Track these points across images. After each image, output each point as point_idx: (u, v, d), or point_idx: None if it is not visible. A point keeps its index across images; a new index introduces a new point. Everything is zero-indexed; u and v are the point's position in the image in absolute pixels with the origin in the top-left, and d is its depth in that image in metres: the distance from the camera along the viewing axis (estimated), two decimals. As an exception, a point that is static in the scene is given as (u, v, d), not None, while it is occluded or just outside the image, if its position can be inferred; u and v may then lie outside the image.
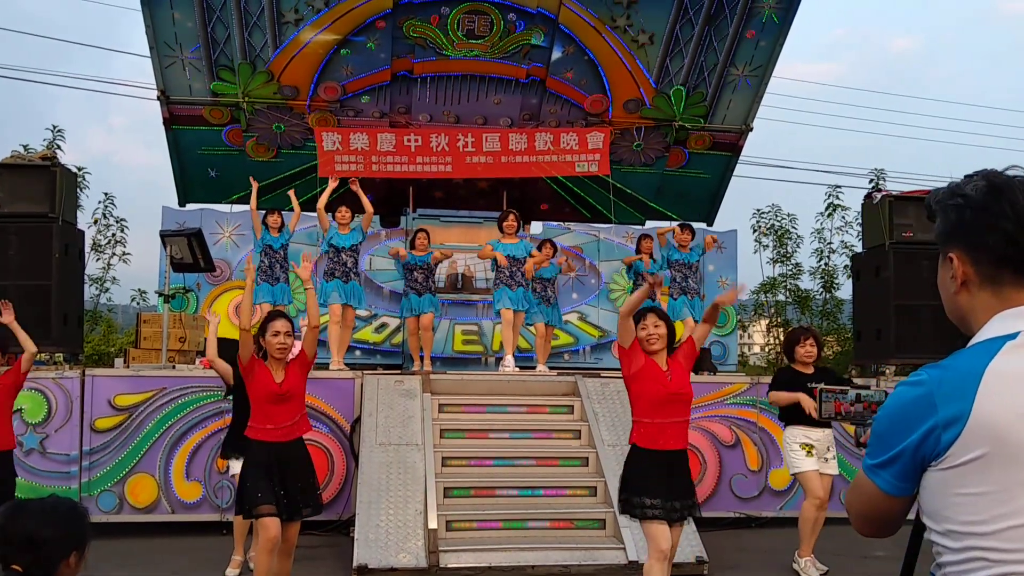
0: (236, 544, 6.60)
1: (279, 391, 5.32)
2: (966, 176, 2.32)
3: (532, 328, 10.50)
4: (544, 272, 10.18)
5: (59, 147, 14.66)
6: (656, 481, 5.04)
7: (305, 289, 5.72)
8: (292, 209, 10.03)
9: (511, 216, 9.76)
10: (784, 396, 6.55)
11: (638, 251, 10.88)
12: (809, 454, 6.59)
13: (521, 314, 9.73)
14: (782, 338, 17.89)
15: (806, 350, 6.63)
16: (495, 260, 9.58)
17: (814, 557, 6.70)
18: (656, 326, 5.16)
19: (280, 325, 5.37)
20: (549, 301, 10.23)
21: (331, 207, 10.28)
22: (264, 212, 10.10)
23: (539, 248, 10.32)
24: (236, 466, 6.62)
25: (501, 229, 9.73)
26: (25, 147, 12.97)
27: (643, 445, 5.12)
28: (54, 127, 15.16)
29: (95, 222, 15.46)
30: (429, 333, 10.05)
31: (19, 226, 8.57)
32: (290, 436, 5.36)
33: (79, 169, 11.27)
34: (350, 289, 9.59)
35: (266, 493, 5.19)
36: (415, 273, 9.93)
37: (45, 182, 8.71)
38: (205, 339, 10.71)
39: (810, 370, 6.65)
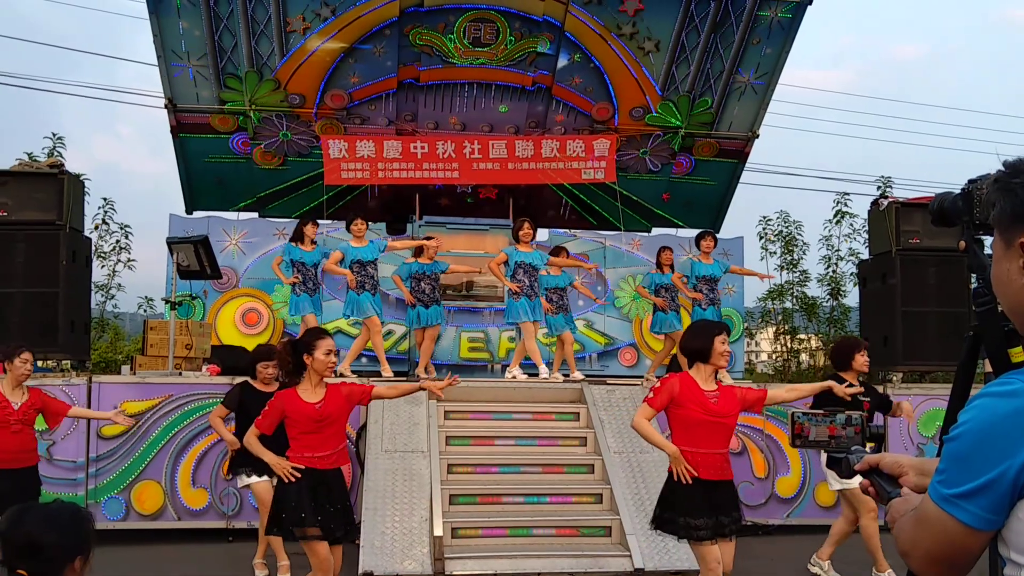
0: (277, 552, 6.60)
1: (317, 415, 5.16)
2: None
3: (545, 338, 10.46)
4: (559, 281, 10.14)
5: (60, 154, 14.68)
6: (701, 499, 4.94)
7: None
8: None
9: (526, 224, 9.67)
10: None
11: (658, 263, 10.75)
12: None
13: (537, 324, 9.69)
14: (789, 345, 17.89)
15: (865, 358, 6.51)
16: (513, 267, 9.55)
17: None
18: (725, 343, 5.08)
19: (332, 344, 5.29)
20: (567, 310, 10.19)
21: (336, 215, 10.33)
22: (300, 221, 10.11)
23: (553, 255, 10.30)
24: (246, 479, 6.63)
25: (516, 238, 9.67)
26: (30, 155, 13.02)
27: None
28: (54, 134, 15.12)
29: (95, 228, 15.46)
30: (432, 344, 10.02)
31: (27, 233, 8.62)
32: (332, 465, 5.26)
33: (80, 176, 11.27)
34: (376, 301, 9.65)
35: (310, 515, 5.10)
36: (422, 283, 9.82)
37: (53, 190, 8.76)
38: (213, 346, 10.77)
39: (859, 388, 6.42)
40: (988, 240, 2.36)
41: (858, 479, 5.94)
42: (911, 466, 1.80)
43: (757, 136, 12.91)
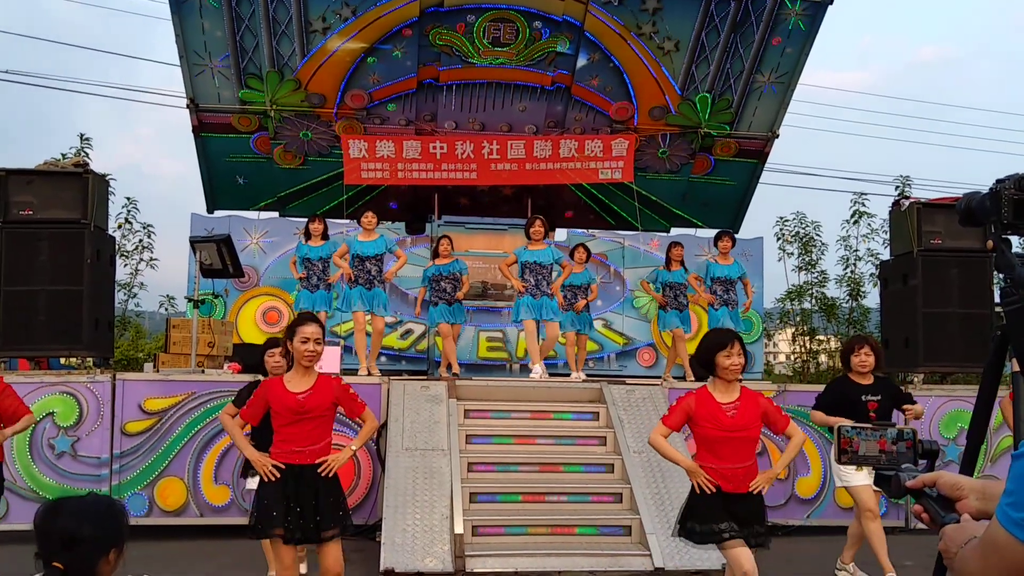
0: (270, 562, 6.55)
1: (298, 407, 4.82)
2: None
3: (562, 337, 10.41)
4: (574, 279, 10.08)
5: (87, 155, 14.83)
6: (721, 508, 4.86)
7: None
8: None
9: (537, 222, 9.65)
10: (821, 419, 6.43)
11: (668, 259, 10.60)
12: (859, 468, 6.47)
13: (552, 324, 9.65)
14: (808, 346, 17.82)
15: (860, 359, 6.36)
16: (521, 268, 9.57)
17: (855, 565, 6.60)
18: (739, 355, 4.88)
19: (310, 330, 4.86)
20: (578, 310, 10.14)
21: (356, 214, 10.36)
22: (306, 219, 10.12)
23: (571, 254, 10.25)
24: (251, 483, 6.61)
25: (528, 236, 9.68)
26: (64, 155, 13.16)
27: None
28: (82, 136, 15.28)
29: (119, 227, 15.62)
30: (453, 343, 9.94)
31: (51, 232, 8.69)
32: (314, 458, 4.88)
33: (105, 176, 11.39)
34: (373, 296, 9.49)
35: (280, 515, 4.78)
36: (442, 283, 9.77)
37: (77, 189, 8.83)
38: (235, 344, 10.86)
39: (868, 380, 6.39)
40: (1016, 240, 2.36)
41: (860, 479, 5.70)
42: (972, 489, 1.59)
43: (777, 136, 12.89)
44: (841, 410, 6.20)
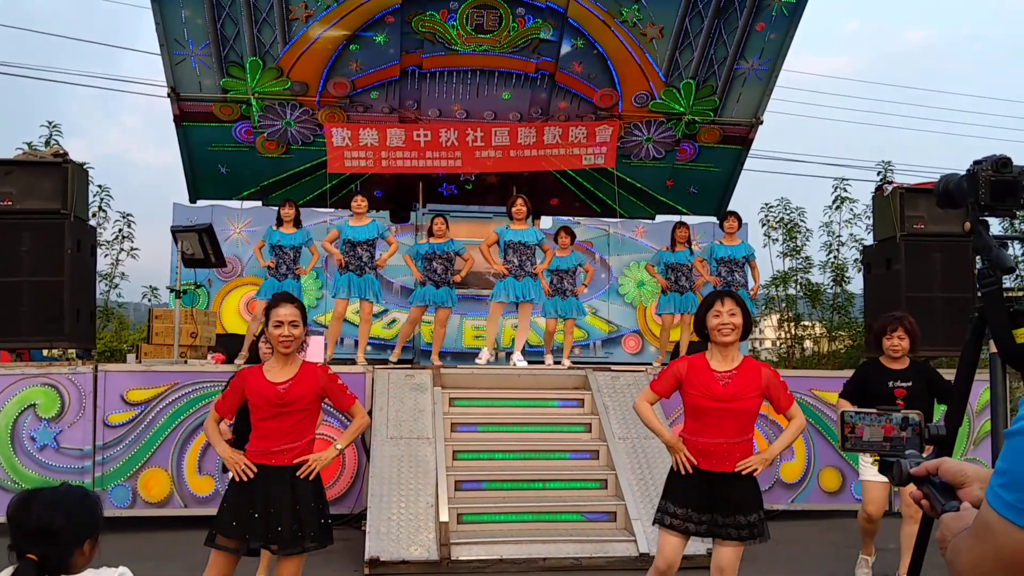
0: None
1: (277, 398, 4.34)
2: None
3: (543, 323, 10.37)
4: (560, 263, 10.00)
5: (57, 143, 14.61)
6: (695, 491, 4.42)
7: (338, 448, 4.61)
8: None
9: (519, 200, 9.46)
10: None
11: (673, 241, 10.43)
12: (876, 461, 6.17)
13: (529, 305, 9.57)
14: (793, 332, 17.88)
15: (892, 343, 5.78)
16: (503, 248, 9.47)
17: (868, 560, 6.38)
18: (732, 314, 4.39)
19: (284, 313, 4.35)
20: (565, 294, 10.07)
21: (346, 201, 10.28)
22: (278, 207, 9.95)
23: (555, 238, 10.17)
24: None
25: (510, 215, 9.56)
26: (29, 144, 12.97)
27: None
28: (50, 123, 14.96)
29: (92, 215, 15.44)
30: (443, 329, 9.73)
31: (32, 223, 8.62)
32: (292, 459, 4.37)
33: (83, 165, 11.27)
34: (365, 283, 9.33)
35: (239, 526, 4.33)
36: (434, 263, 9.53)
37: (57, 179, 8.76)
38: (218, 334, 10.80)
39: (901, 364, 5.83)
40: (993, 221, 2.36)
41: (870, 475, 5.34)
42: (977, 477, 1.50)
43: (761, 122, 12.89)
44: (865, 399, 5.61)
